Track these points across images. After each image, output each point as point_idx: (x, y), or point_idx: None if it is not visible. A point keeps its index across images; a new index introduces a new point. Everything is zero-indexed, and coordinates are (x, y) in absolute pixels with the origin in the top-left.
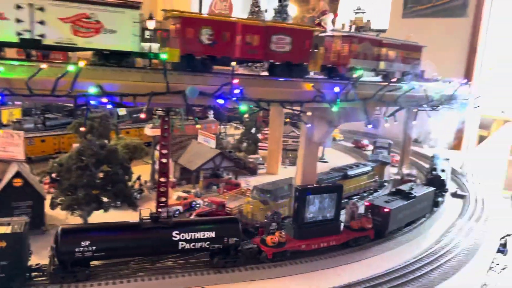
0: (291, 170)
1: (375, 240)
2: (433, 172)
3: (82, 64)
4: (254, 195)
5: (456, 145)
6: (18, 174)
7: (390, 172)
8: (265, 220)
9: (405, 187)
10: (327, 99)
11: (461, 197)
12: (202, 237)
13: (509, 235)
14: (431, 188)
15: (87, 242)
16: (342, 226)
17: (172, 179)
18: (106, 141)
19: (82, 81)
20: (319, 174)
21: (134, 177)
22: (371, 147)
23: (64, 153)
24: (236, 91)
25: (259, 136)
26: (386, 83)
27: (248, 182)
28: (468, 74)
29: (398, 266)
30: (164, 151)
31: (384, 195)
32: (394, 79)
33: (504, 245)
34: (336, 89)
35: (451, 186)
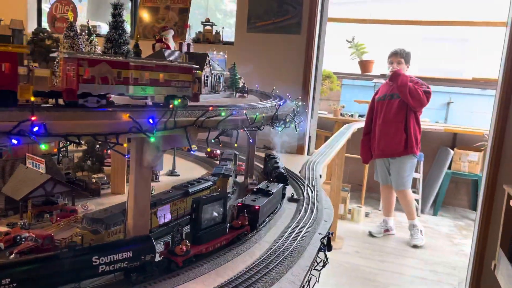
0: None
1: (250, 233)
2: (277, 170)
3: None
4: (84, 224)
5: (299, 150)
6: None
7: (239, 181)
8: (171, 234)
9: (263, 186)
10: (144, 129)
11: (296, 201)
12: (120, 258)
13: (332, 233)
14: (280, 184)
15: (7, 280)
16: (228, 227)
17: None
18: None
19: None
20: (158, 194)
21: None
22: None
23: None
24: (35, 128)
25: (109, 151)
26: (206, 110)
27: (85, 207)
28: (305, 86)
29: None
30: None
31: (250, 195)
32: (211, 109)
33: (325, 244)
34: (150, 120)
35: (288, 191)
